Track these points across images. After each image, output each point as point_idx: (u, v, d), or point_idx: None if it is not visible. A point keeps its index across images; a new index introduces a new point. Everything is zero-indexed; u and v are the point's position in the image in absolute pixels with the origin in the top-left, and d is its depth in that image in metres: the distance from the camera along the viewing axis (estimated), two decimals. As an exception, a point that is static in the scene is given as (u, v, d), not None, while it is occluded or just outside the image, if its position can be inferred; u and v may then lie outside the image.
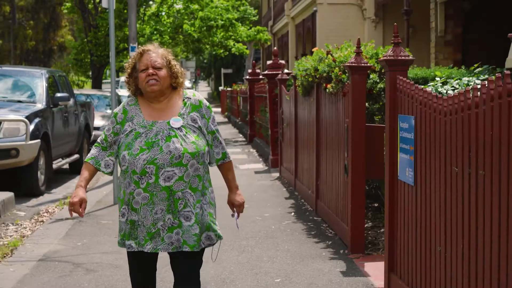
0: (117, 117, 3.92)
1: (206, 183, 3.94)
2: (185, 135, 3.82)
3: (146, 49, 3.92)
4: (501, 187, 3.24)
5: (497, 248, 3.30)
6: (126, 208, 3.85)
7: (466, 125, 3.66)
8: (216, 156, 4.00)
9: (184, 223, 3.78)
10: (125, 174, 3.85)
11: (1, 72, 12.42)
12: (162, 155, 3.74)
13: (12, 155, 10.22)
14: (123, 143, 3.86)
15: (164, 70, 3.87)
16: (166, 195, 3.76)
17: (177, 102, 3.94)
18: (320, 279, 5.74)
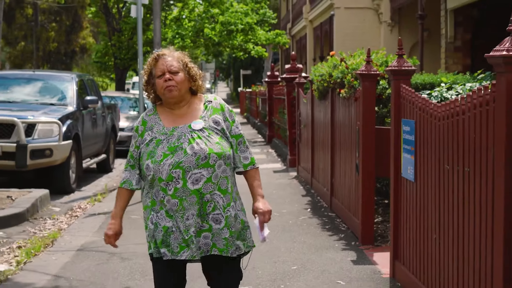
0: (138, 130, 3.81)
1: (234, 187, 3.80)
2: (209, 136, 3.69)
3: (161, 53, 3.81)
4: (481, 182, 3.84)
5: (479, 233, 3.89)
6: (154, 215, 3.70)
7: (455, 129, 4.26)
8: (243, 161, 3.81)
9: (213, 226, 3.65)
10: (152, 183, 3.69)
11: (34, 76, 13.16)
12: (187, 158, 3.61)
13: (46, 155, 10.91)
14: (144, 153, 3.73)
15: (181, 73, 3.74)
16: (196, 199, 3.62)
17: (198, 106, 3.82)
18: (332, 267, 6.35)
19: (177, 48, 13.52)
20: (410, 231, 5.40)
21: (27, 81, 12.89)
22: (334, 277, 6.00)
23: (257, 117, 26.91)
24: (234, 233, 3.70)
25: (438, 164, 4.63)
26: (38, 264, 6.64)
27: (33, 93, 12.63)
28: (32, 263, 6.71)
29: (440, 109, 4.57)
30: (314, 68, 10.20)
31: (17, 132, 10.72)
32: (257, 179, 3.86)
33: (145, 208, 3.76)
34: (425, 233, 4.98)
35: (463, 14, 13.04)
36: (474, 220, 3.97)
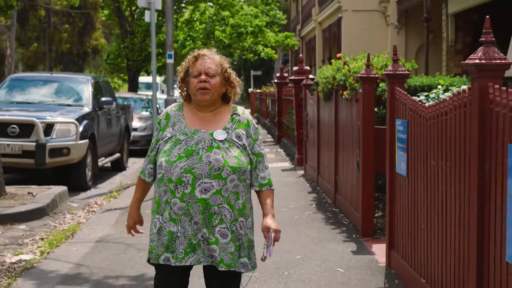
0: (160, 123, 3.78)
1: (248, 204, 3.74)
2: (228, 148, 3.61)
3: (202, 53, 3.75)
4: (461, 176, 4.31)
5: (459, 221, 4.37)
6: (160, 218, 3.67)
7: (440, 128, 4.73)
8: (261, 180, 3.75)
9: (220, 240, 3.59)
10: (160, 182, 3.67)
11: (51, 78, 13.72)
12: (200, 165, 3.55)
13: (64, 154, 11.44)
14: (161, 150, 3.69)
15: (218, 78, 3.68)
16: (202, 208, 3.57)
17: (225, 115, 3.75)
18: (333, 256, 6.83)
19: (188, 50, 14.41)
20: (403, 222, 5.88)
21: (44, 83, 13.44)
22: (334, 266, 6.48)
23: (267, 118, 27.40)
24: (240, 247, 3.65)
25: (426, 160, 5.11)
26: (60, 254, 7.15)
27: (50, 95, 13.18)
28: (54, 253, 7.22)
29: (427, 110, 5.05)
30: (319, 70, 10.69)
31: (37, 131, 11.26)
32: (270, 198, 3.77)
33: (152, 211, 3.76)
34: (415, 223, 5.46)
35: (463, 18, 13.52)
36: (455, 210, 4.44)
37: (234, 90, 3.77)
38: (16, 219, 8.79)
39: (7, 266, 6.69)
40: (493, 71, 3.90)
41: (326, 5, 26.76)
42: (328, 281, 5.98)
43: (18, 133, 11.32)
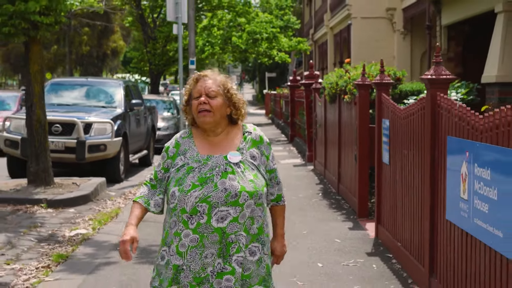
0: (168, 151, 3.57)
1: (265, 229, 3.54)
2: (243, 172, 3.45)
3: (202, 74, 3.59)
4: (420, 163, 5.81)
5: (421, 196, 5.86)
6: (167, 250, 3.47)
7: (409, 126, 6.23)
8: (270, 196, 3.65)
9: (237, 269, 3.39)
10: (172, 213, 3.47)
11: (87, 83, 15.31)
12: (216, 193, 3.37)
13: (101, 150, 13.01)
14: (173, 178, 3.49)
15: (219, 98, 3.49)
16: (218, 238, 3.38)
17: (236, 135, 3.58)
18: (333, 231, 8.34)
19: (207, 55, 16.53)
20: (387, 202, 7.37)
21: (81, 87, 15.04)
22: (333, 238, 7.99)
23: (280, 118, 28.91)
24: (248, 277, 3.46)
25: (401, 150, 6.61)
26: (109, 230, 8.70)
27: (87, 97, 14.76)
28: (103, 229, 8.77)
29: (402, 111, 6.55)
30: (325, 77, 12.20)
31: (77, 130, 12.83)
32: (281, 216, 3.72)
33: (162, 240, 3.54)
34: (395, 201, 6.95)
35: (455, 29, 14.98)
36: (417, 186, 5.93)
37: (239, 112, 3.57)
38: (66, 204, 10.36)
39: (68, 238, 8.26)
40: (441, 83, 5.40)
41: (337, 12, 28.24)
42: (327, 248, 7.49)
43: (61, 131, 12.89)
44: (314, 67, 35.84)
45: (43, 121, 11.24)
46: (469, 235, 4.57)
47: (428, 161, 5.50)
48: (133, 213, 3.53)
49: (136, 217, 3.51)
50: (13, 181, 11.98)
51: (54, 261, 7.14)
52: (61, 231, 8.66)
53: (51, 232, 8.65)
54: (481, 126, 4.30)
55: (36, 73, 11.14)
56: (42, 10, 10.78)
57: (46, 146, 11.29)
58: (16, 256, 7.40)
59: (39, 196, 10.49)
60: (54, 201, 10.33)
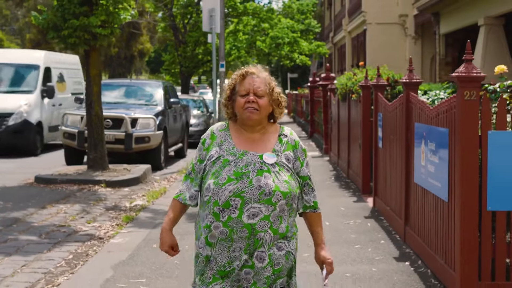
0: (204, 143, 3.61)
1: (291, 228, 3.55)
2: (278, 172, 3.47)
3: (250, 71, 3.59)
4: (400, 145, 7.88)
5: (400, 170, 7.93)
6: (197, 243, 3.55)
7: (393, 117, 8.31)
8: (306, 203, 3.64)
9: (256, 264, 3.44)
10: (205, 205, 3.50)
11: (131, 84, 17.57)
12: (250, 189, 3.40)
13: (145, 141, 15.18)
14: (209, 171, 3.51)
15: (266, 98, 3.53)
16: (247, 234, 3.41)
17: (272, 136, 3.61)
18: (340, 203, 10.41)
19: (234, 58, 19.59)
20: (381, 177, 9.45)
21: (126, 87, 17.26)
22: (339, 207, 10.08)
23: (301, 117, 30.98)
24: (279, 270, 3.49)
25: (389, 136, 8.69)
26: (161, 202, 10.84)
27: (132, 96, 16.97)
28: (156, 201, 10.92)
29: (390, 106, 8.63)
30: (338, 78, 14.28)
31: (125, 124, 15.02)
32: (319, 225, 3.68)
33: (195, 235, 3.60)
34: (385, 176, 9.03)
35: (452, 37, 17.00)
36: (397, 162, 8.00)
37: (281, 110, 3.64)
38: (122, 184, 12.55)
39: (129, 208, 10.42)
40: (412, 85, 7.48)
41: (354, 17, 30.29)
42: (334, 214, 9.57)
43: (111, 125, 15.07)
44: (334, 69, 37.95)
45: (100, 116, 13.45)
46: (425, 190, 6.64)
47: (404, 142, 7.59)
48: (169, 215, 3.64)
49: (170, 220, 3.62)
50: (74, 167, 14.21)
51: (123, 221, 9.33)
52: (122, 203, 10.84)
53: (114, 204, 10.83)
54: (431, 114, 6.38)
55: (95, 76, 13.34)
56: (101, 23, 12.97)
57: (102, 137, 13.49)
58: (93, 219, 9.58)
59: (99, 178, 12.69)
60: (111, 182, 12.52)
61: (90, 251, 7.78)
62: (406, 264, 6.85)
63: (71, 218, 9.55)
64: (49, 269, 6.99)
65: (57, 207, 10.41)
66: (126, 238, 8.28)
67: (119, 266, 6.94)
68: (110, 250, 7.74)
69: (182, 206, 3.64)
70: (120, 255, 7.39)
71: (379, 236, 8.15)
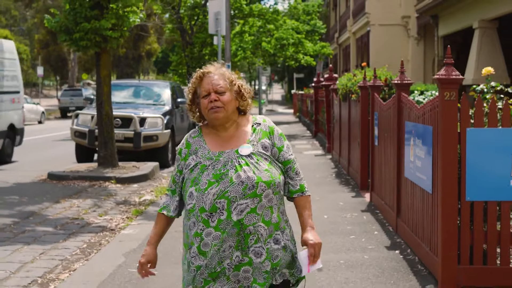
0: (181, 153, 3.55)
1: (283, 216, 3.51)
2: (257, 162, 3.42)
3: (206, 71, 3.51)
4: (392, 142, 8.40)
5: (393, 165, 8.44)
6: (188, 253, 3.46)
7: (388, 116, 8.83)
8: (292, 188, 3.55)
9: (254, 260, 3.38)
10: (190, 214, 3.43)
11: (139, 84, 18.12)
12: (233, 187, 3.34)
13: (153, 140, 15.73)
14: (188, 179, 3.46)
15: (228, 93, 3.47)
16: (237, 230, 3.36)
17: (246, 128, 3.55)
18: (339, 198, 10.94)
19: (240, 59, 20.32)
20: (377, 173, 9.97)
21: (135, 88, 17.82)
22: (338, 201, 10.60)
23: (306, 116, 31.49)
24: (278, 264, 3.44)
25: (383, 134, 9.21)
26: (168, 197, 11.37)
27: (140, 96, 17.53)
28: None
29: (384, 106, 9.15)
30: (339, 79, 14.79)
31: (134, 123, 15.57)
32: (307, 208, 3.57)
33: (184, 245, 3.54)
34: (381, 171, 9.55)
35: (450, 39, 17.49)
36: (390, 158, 8.52)
37: (245, 102, 3.57)
38: (131, 181, 13.10)
39: (138, 202, 10.97)
40: (404, 86, 7.99)
41: (358, 18, 30.80)
42: (333, 208, 10.10)
43: (120, 124, 15.63)
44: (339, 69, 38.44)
45: (110, 116, 14.00)
46: (413, 183, 7.16)
47: (395, 139, 8.11)
48: (154, 230, 3.60)
49: (156, 235, 3.58)
50: (85, 164, 14.77)
51: (133, 214, 9.88)
52: (131, 198, 11.39)
53: (124, 199, 11.38)
54: (418, 113, 6.90)
55: (105, 77, 13.89)
56: (111, 26, 13.53)
57: (112, 136, 14.04)
58: (104, 212, 10.13)
59: (109, 175, 13.25)
60: (121, 178, 13.07)
61: (103, 241, 8.33)
62: (396, 253, 7.37)
63: (84, 212, 10.11)
64: (65, 257, 7.55)
65: (70, 201, 10.98)
66: (136, 230, 8.83)
67: (130, 253, 7.49)
68: (122, 240, 8.29)
69: (168, 219, 3.61)
70: (131, 244, 7.94)
71: (373, 227, 8.67)
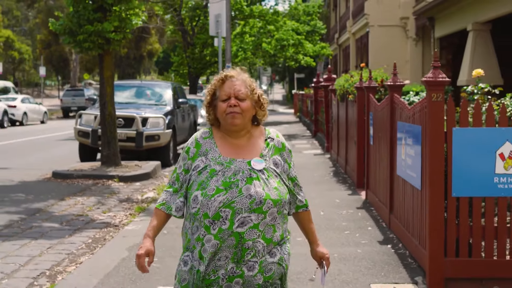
0: (189, 152, 3.47)
1: (285, 233, 3.50)
2: (267, 179, 3.38)
3: (229, 75, 3.48)
4: (385, 141, 8.72)
5: (386, 164, 8.76)
6: (190, 255, 3.41)
7: (381, 116, 9.15)
8: (298, 203, 3.58)
9: (246, 273, 3.34)
10: (194, 217, 3.36)
11: (141, 85, 18.46)
12: (241, 198, 3.29)
13: (155, 139, 16.07)
14: (195, 182, 3.38)
15: (248, 101, 3.43)
16: (235, 242, 3.30)
17: (259, 140, 3.52)
18: (336, 196, 11.26)
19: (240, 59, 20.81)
20: (372, 172, 10.29)
21: (137, 88, 18.15)
22: (335, 199, 10.92)
23: (307, 116, 31.81)
24: (271, 277, 3.40)
25: (378, 133, 9.53)
26: (170, 195, 11.69)
27: (142, 97, 17.86)
28: (166, 194, 11.77)
29: (378, 106, 9.47)
30: (337, 80, 15.11)
31: (136, 123, 15.90)
32: (312, 222, 3.65)
33: (183, 246, 3.49)
34: (375, 170, 9.87)
35: (446, 40, 17.81)
36: (384, 158, 8.85)
37: (263, 112, 3.55)
38: (133, 179, 13.43)
39: (140, 200, 11.30)
40: (396, 87, 8.32)
41: (358, 19, 31.11)
42: (329, 205, 10.42)
43: (123, 124, 15.96)
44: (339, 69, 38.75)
45: (113, 116, 14.33)
46: (405, 180, 7.49)
47: (388, 138, 8.44)
48: (152, 223, 3.49)
49: (153, 228, 3.47)
50: (89, 163, 15.11)
51: (136, 211, 10.21)
52: (134, 196, 11.72)
53: (127, 196, 11.71)
54: (409, 113, 7.23)
55: (108, 78, 14.22)
56: (114, 29, 13.86)
57: (115, 135, 14.37)
58: (108, 209, 10.47)
59: (112, 173, 13.58)
60: (124, 177, 13.41)
61: (107, 236, 8.67)
62: (388, 247, 7.70)
63: (88, 209, 10.44)
64: (72, 251, 7.88)
65: (75, 199, 11.31)
66: (139, 226, 9.15)
67: (133, 248, 7.81)
68: (125, 235, 8.62)
69: (166, 216, 3.50)
70: (134, 239, 8.27)
71: (367, 223, 9.00)
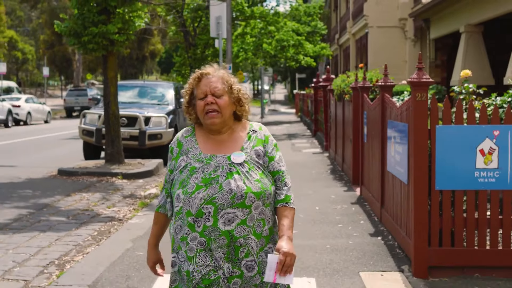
0: (173, 152, 3.47)
1: (275, 229, 3.45)
2: (248, 172, 3.32)
3: (205, 72, 3.41)
4: (377, 138, 9.14)
5: (379, 160, 9.18)
6: (176, 256, 3.39)
7: (374, 115, 9.57)
8: (277, 197, 3.44)
9: (245, 273, 3.31)
10: (176, 217, 3.37)
11: (144, 85, 18.89)
12: (221, 194, 3.24)
13: (158, 138, 16.50)
14: (177, 181, 3.38)
15: (226, 97, 3.36)
16: (226, 241, 3.26)
17: (241, 134, 3.46)
18: (332, 192, 11.68)
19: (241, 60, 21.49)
20: (366, 168, 10.71)
21: (140, 88, 18.58)
22: (330, 195, 11.34)
23: (307, 116, 32.23)
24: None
25: (371, 131, 9.95)
26: (172, 191, 12.12)
27: (145, 96, 18.30)
28: (168, 191, 12.20)
29: (371, 105, 9.89)
30: (334, 81, 15.54)
31: (139, 122, 16.33)
32: (288, 218, 3.40)
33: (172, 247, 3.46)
34: (369, 166, 10.29)
35: (441, 42, 18.21)
36: (376, 154, 9.26)
37: (242, 108, 3.48)
38: (136, 177, 13.86)
39: (143, 196, 11.73)
40: (387, 88, 8.74)
41: (357, 20, 31.53)
42: (325, 200, 10.84)
43: (126, 123, 16.39)
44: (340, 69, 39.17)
45: (117, 115, 14.76)
46: (394, 176, 7.90)
47: (380, 136, 8.86)
48: (152, 230, 3.58)
49: (154, 236, 3.56)
50: (93, 161, 15.54)
51: (139, 206, 10.64)
52: (137, 192, 12.15)
53: (130, 192, 12.14)
54: (398, 112, 7.64)
55: (112, 78, 14.65)
56: (118, 30, 14.29)
57: (119, 134, 14.80)
58: (112, 204, 10.90)
59: (116, 171, 14.01)
60: (127, 174, 13.84)
61: (112, 229, 9.10)
62: (378, 239, 8.12)
63: (93, 204, 10.87)
64: (79, 242, 8.32)
65: (80, 195, 11.75)
66: (142, 219, 9.58)
67: (137, 240, 8.24)
68: (129, 228, 9.05)
69: (165, 217, 3.55)
70: (138, 232, 8.70)
71: (360, 217, 9.42)
